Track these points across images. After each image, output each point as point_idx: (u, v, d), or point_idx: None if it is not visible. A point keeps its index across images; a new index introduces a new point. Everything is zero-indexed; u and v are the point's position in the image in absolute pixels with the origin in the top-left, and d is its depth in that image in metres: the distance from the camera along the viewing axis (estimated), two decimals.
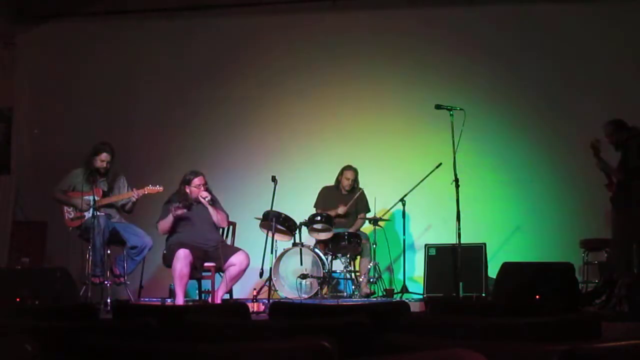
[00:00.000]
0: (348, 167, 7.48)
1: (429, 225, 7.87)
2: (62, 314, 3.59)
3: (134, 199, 6.71)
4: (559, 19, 8.01)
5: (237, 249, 6.51)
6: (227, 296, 6.56)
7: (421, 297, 6.94)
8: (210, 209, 6.51)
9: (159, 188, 6.68)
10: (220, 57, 8.53)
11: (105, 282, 6.50)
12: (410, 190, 7.24)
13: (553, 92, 7.93)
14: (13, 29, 8.78)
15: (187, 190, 6.53)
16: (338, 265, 7.26)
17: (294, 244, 7.10)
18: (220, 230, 6.77)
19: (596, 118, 6.87)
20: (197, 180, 6.53)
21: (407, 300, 6.17)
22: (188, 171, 6.65)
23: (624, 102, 7.49)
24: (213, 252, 6.43)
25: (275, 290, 6.91)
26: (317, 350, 1.86)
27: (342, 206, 7.33)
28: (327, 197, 7.50)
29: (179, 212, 6.37)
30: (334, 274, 7.16)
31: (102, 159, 6.67)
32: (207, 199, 6.48)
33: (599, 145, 6.30)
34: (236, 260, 6.35)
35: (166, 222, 6.44)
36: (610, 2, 7.92)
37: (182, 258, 6.22)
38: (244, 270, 6.42)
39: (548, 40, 7.97)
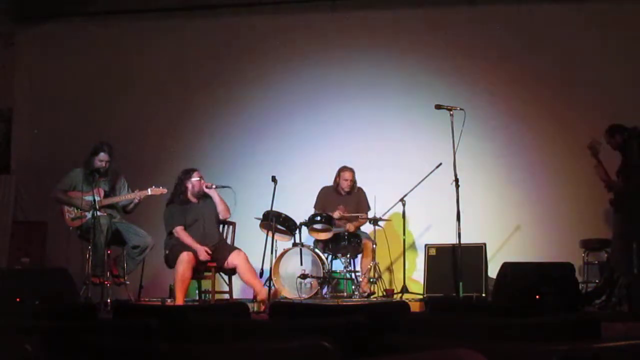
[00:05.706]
0: (345, 168, 7.45)
1: (429, 225, 7.86)
2: (62, 314, 3.60)
3: (137, 200, 6.71)
4: (559, 19, 8.00)
5: (234, 248, 6.55)
6: (226, 296, 6.56)
7: (421, 297, 6.94)
8: (216, 196, 6.58)
9: (162, 189, 6.67)
10: (219, 57, 8.53)
11: (105, 282, 6.50)
12: (410, 190, 7.23)
13: (553, 92, 7.92)
14: (13, 29, 8.78)
15: (189, 185, 6.54)
16: (338, 265, 7.26)
17: (294, 244, 7.09)
18: (220, 228, 6.79)
19: (596, 118, 6.87)
20: (197, 174, 6.61)
21: (407, 300, 6.17)
22: (180, 172, 6.68)
23: (623, 103, 7.48)
24: (214, 252, 6.46)
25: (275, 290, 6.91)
26: (317, 350, 1.86)
27: (339, 211, 7.31)
28: (326, 198, 7.47)
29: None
30: (334, 274, 7.16)
31: (101, 159, 6.66)
32: (212, 187, 6.56)
33: (599, 146, 6.29)
34: (237, 260, 6.39)
35: (186, 238, 6.41)
36: (610, 3, 7.91)
37: (186, 262, 6.23)
38: (248, 261, 6.42)
39: (548, 40, 7.96)
